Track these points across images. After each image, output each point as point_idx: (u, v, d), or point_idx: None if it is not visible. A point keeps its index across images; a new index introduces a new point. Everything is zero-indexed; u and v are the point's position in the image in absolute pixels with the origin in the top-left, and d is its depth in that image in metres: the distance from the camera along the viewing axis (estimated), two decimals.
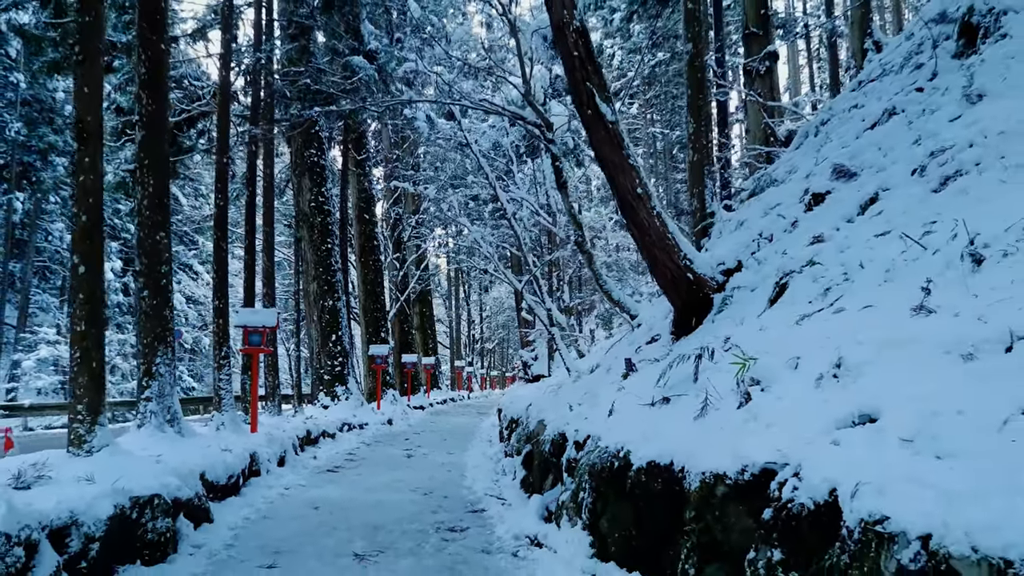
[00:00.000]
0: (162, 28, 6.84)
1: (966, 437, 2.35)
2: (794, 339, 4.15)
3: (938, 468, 2.28)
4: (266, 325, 8.69)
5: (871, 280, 4.24)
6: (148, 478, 4.26)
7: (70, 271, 5.22)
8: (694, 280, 6.35)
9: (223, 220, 9.04)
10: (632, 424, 4.59)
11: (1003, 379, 2.55)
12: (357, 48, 12.77)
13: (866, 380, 3.14)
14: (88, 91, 5.13)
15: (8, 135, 28.49)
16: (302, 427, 9.92)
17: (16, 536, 2.89)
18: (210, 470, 5.56)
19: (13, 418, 13.47)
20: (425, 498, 6.46)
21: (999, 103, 5.15)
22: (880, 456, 2.52)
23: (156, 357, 6.39)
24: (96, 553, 3.52)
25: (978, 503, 1.98)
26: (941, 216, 4.34)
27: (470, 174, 20.16)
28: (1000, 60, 5.72)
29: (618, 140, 6.18)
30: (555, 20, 6.20)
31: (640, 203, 6.18)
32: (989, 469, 2.12)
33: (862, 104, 8.23)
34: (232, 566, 4.18)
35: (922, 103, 6.47)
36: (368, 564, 4.22)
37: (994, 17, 6.46)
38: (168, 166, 6.86)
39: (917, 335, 3.17)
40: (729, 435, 3.46)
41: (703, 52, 8.32)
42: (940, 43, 7.17)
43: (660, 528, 3.88)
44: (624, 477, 4.18)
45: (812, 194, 6.59)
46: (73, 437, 4.99)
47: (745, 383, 3.91)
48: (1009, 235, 3.49)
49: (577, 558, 4.29)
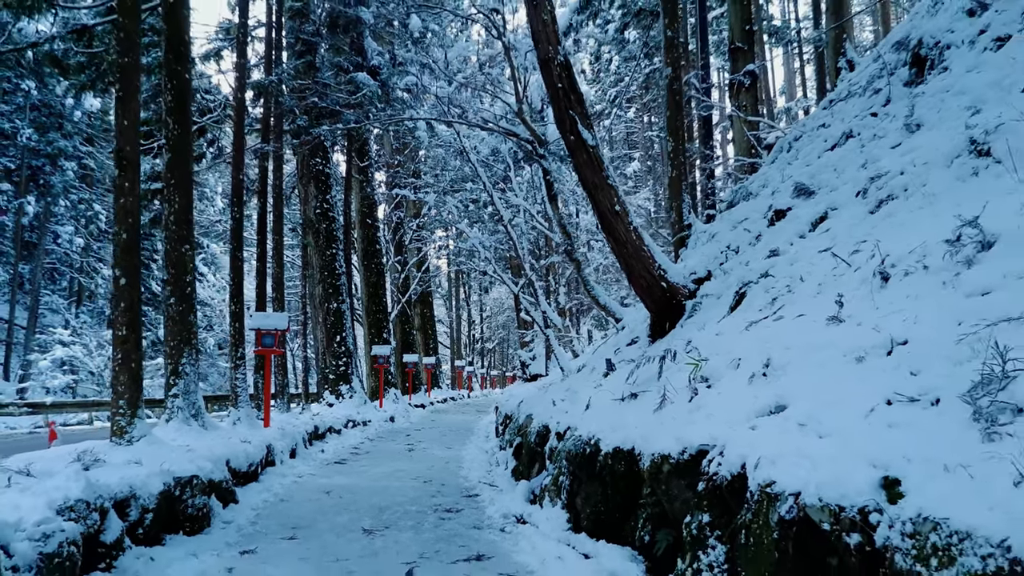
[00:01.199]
0: (187, 60, 7.54)
1: (842, 421, 3.03)
2: (741, 343, 4.84)
3: (817, 444, 2.96)
4: (278, 328, 9.38)
5: (808, 292, 4.92)
6: (186, 463, 4.95)
7: (112, 283, 5.91)
8: (667, 288, 7.04)
9: (239, 232, 9.74)
10: (604, 416, 5.27)
11: (879, 376, 3.23)
12: (361, 64, 13.45)
13: (785, 378, 3.83)
14: (127, 124, 5.82)
15: (19, 140, 29.23)
16: (310, 423, 10.60)
17: (93, 503, 3.57)
18: (233, 459, 6.25)
19: (36, 415, 14.16)
20: (425, 485, 7.15)
21: (930, 134, 5.83)
22: (781, 437, 3.21)
23: (182, 358, 7.08)
24: (149, 522, 4.21)
25: (832, 467, 2.67)
26: (870, 236, 5.02)
27: (469, 180, 20.82)
28: (938, 92, 6.40)
29: (598, 162, 6.86)
30: (541, 55, 6.89)
31: (618, 219, 6.86)
32: (849, 443, 2.80)
33: (828, 124, 8.91)
34: (259, 537, 4.86)
35: (874, 128, 7.15)
36: (375, 537, 4.91)
37: (939, 50, 7.14)
38: (191, 185, 7.55)
39: (828, 341, 3.86)
40: (677, 424, 4.15)
41: (681, 76, 8.99)
42: (896, 70, 7.85)
43: (623, 503, 4.57)
44: (595, 461, 4.87)
45: (775, 210, 7.27)
46: (115, 428, 5.69)
47: (696, 381, 4.60)
48: (911, 257, 4.17)
49: (555, 531, 4.97)
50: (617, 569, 3.95)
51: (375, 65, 13.38)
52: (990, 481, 2.09)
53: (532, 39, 7.04)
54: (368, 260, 20.15)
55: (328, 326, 15.63)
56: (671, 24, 8.82)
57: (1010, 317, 2.97)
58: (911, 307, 3.69)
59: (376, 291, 20.16)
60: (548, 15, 6.85)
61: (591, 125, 6.91)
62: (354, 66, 13.30)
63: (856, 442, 2.78)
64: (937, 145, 5.51)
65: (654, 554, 4.00)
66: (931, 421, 2.64)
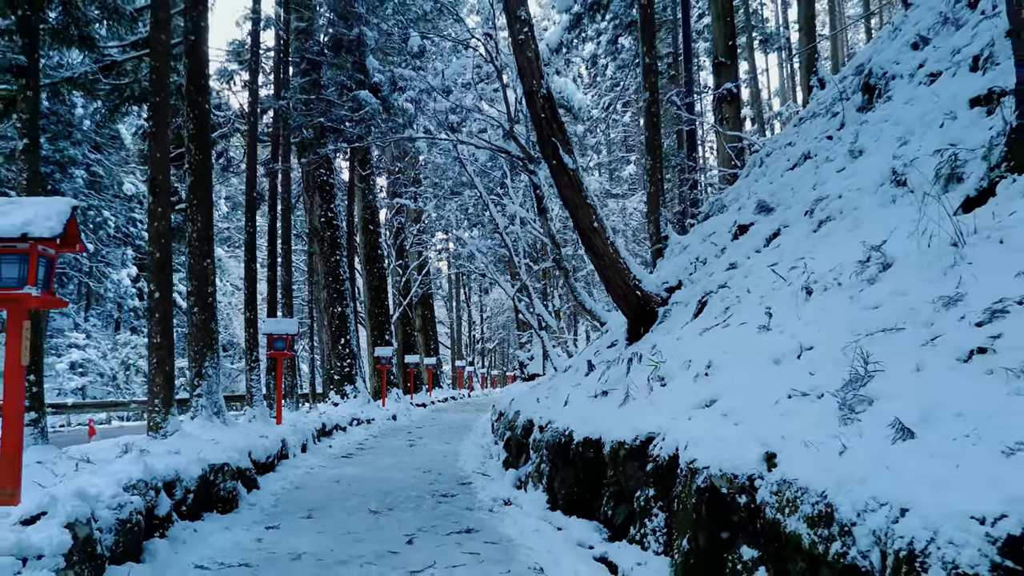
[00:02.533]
0: (207, 92, 8.32)
1: (753, 411, 3.81)
2: (695, 347, 5.62)
3: (731, 429, 3.74)
4: (288, 333, 10.17)
5: (752, 303, 5.70)
6: (217, 452, 5.74)
7: (148, 296, 6.70)
8: (642, 296, 7.81)
9: (252, 245, 10.53)
10: (579, 411, 6.05)
11: (788, 376, 4.00)
12: (363, 81, 14.24)
13: (720, 377, 4.61)
14: (159, 155, 6.61)
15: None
16: (318, 421, 11.39)
17: (150, 483, 4.36)
18: (254, 451, 7.03)
19: (58, 415, 14.94)
20: (424, 475, 7.93)
21: (867, 161, 6.60)
22: (707, 425, 3.98)
23: (205, 361, 7.87)
24: (191, 501, 4.99)
25: (735, 447, 3.44)
26: (808, 253, 5.79)
27: (467, 187, 21.58)
28: (879, 122, 7.16)
29: (578, 184, 7.64)
30: (526, 88, 7.66)
31: (596, 234, 7.64)
32: (751, 428, 3.57)
33: (794, 142, 9.67)
34: (281, 516, 5.65)
35: (828, 151, 7.91)
36: (380, 516, 5.69)
37: (886, 80, 7.91)
38: (212, 205, 8.33)
39: (757, 347, 4.64)
40: (634, 416, 4.93)
41: (658, 99, 9.77)
42: (850, 96, 8.61)
43: (591, 484, 5.34)
44: (569, 449, 5.65)
45: (738, 225, 8.05)
46: (151, 424, 6.48)
47: (654, 380, 5.39)
48: (831, 274, 4.94)
49: (536, 510, 5.75)
50: (583, 538, 4.73)
51: (376, 82, 14.17)
52: (829, 453, 2.86)
53: (518, 73, 7.81)
54: (370, 265, 20.94)
55: (333, 329, 16.43)
56: (648, 52, 9.58)
57: (885, 328, 3.75)
58: (821, 318, 4.47)
59: (378, 294, 20.96)
60: (532, 52, 7.62)
61: (571, 150, 7.69)
62: (356, 84, 14.10)
63: (757, 427, 3.56)
64: (870, 172, 6.28)
65: (614, 524, 4.78)
66: (811, 410, 3.41)
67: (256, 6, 10.55)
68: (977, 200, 4.50)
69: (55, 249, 3.46)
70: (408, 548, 4.62)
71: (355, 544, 4.70)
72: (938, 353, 3.20)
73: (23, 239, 3.31)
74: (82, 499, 3.50)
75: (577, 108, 25.16)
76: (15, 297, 3.37)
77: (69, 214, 3.45)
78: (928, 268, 4.03)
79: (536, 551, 4.53)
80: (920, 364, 3.20)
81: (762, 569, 3.04)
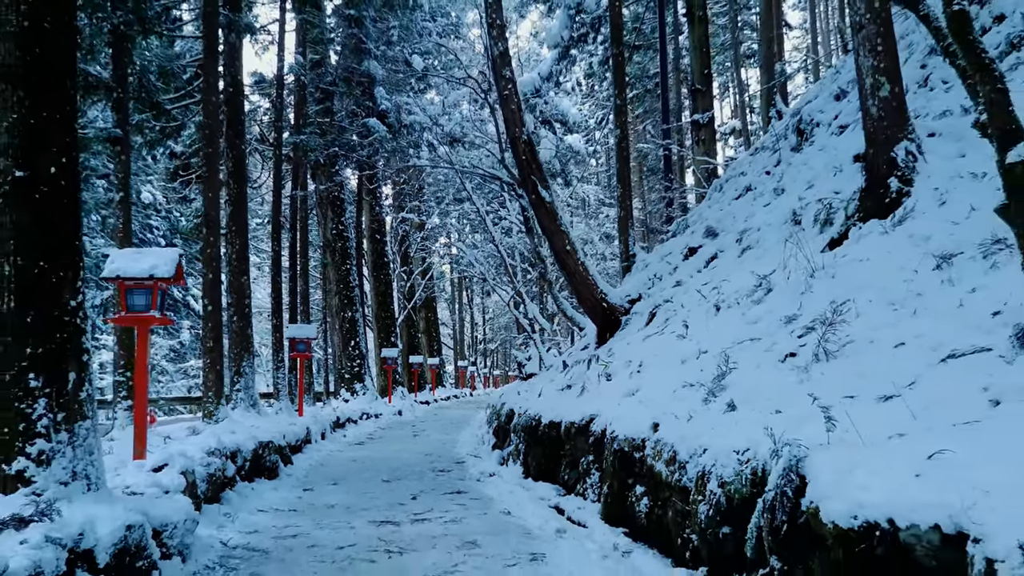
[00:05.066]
0: (243, 134, 9.88)
1: (659, 398, 5.33)
2: (638, 350, 7.15)
3: (641, 410, 5.26)
4: (308, 337, 11.73)
5: (682, 316, 7.22)
6: (262, 433, 7.29)
7: (202, 310, 8.25)
8: (608, 308, 9.35)
9: (278, 262, 12.11)
10: (548, 401, 7.59)
11: (688, 372, 5.52)
12: (372, 108, 15.82)
13: (645, 374, 6.14)
14: (211, 196, 8.17)
15: None
16: (333, 414, 12.95)
17: (222, 451, 5.91)
18: (287, 435, 8.57)
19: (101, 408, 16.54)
20: (426, 456, 9.48)
21: (784, 199, 8.11)
22: (628, 408, 5.51)
23: (243, 362, 9.43)
24: (247, 468, 6.54)
25: (639, 422, 4.97)
26: (728, 276, 7.31)
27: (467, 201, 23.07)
28: (800, 164, 8.68)
29: (553, 214, 9.17)
30: (510, 135, 9.21)
31: (569, 256, 9.18)
32: (653, 409, 5.09)
33: (745, 172, 11.19)
34: (313, 483, 7.20)
35: (763, 185, 9.43)
36: (391, 483, 7.23)
37: (812, 127, 9.42)
38: (247, 230, 9.89)
39: (674, 351, 6.17)
40: (585, 403, 6.46)
41: (627, 135, 11.29)
42: (787, 136, 10.13)
43: (554, 456, 6.88)
44: (538, 431, 7.18)
45: (689, 247, 9.57)
46: (205, 412, 8.05)
47: (602, 376, 6.92)
48: (735, 295, 6.46)
49: (513, 479, 7.28)
50: (544, 495, 6.26)
51: (383, 110, 15.74)
52: (685, 421, 4.38)
53: (504, 122, 9.35)
54: (377, 272, 22.53)
55: (344, 332, 18.01)
56: (619, 95, 11.11)
57: (752, 337, 5.29)
58: (720, 329, 6.00)
59: (384, 299, 22.54)
60: (515, 105, 9.16)
61: (548, 186, 9.23)
62: (366, 111, 15.67)
63: (656, 408, 5.09)
64: (782, 209, 7.80)
65: (568, 485, 6.31)
66: (691, 395, 4.93)
67: (280, 66, 12.16)
68: (838, 241, 6.03)
69: (168, 284, 5.02)
70: (412, 502, 6.16)
71: (373, 500, 6.25)
72: (771, 356, 4.74)
73: (150, 279, 4.86)
74: (185, 458, 5.06)
75: (572, 122, 26.70)
76: (144, 319, 4.93)
77: (177, 261, 5.00)
78: (791, 294, 5.56)
79: (508, 503, 6.07)
80: (759, 364, 4.74)
81: (646, 499, 4.57)
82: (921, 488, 2.43)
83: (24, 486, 3.41)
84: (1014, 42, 6.39)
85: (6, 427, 3.43)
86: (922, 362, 3.65)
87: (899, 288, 4.48)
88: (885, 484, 2.52)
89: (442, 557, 4.12)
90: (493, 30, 8.95)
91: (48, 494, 3.39)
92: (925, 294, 4.28)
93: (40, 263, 3.56)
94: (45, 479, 3.45)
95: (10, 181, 3.54)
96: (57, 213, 3.65)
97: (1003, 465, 2.33)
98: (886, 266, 4.84)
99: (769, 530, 3.05)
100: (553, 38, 15.43)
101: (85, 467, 3.64)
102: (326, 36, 15.64)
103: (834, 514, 2.59)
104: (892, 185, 5.72)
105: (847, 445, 2.97)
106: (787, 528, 2.96)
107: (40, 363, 3.50)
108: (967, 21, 3.24)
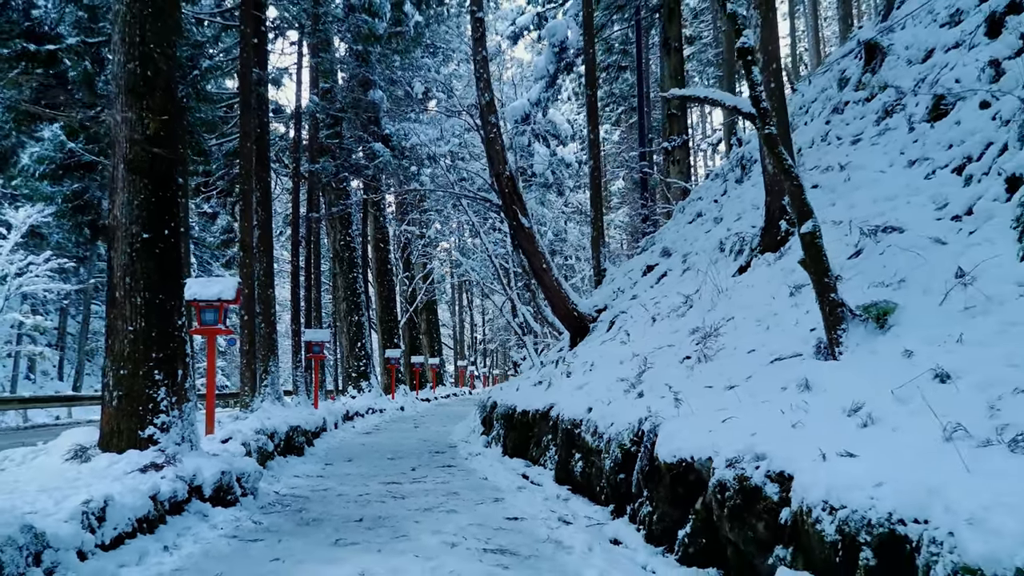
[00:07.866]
0: (269, 167, 11.60)
1: (599, 389, 7.03)
2: (594, 353, 8.84)
3: (584, 398, 6.97)
4: (323, 340, 13.46)
5: (630, 325, 8.92)
6: (293, 419, 9.02)
7: (240, 319, 9.98)
8: (578, 317, 11.05)
9: (296, 275, 13.84)
10: (523, 394, 9.29)
11: (622, 370, 7.22)
12: (377, 132, 17.55)
13: (594, 372, 7.85)
14: (247, 225, 9.89)
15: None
16: (343, 408, 14.68)
17: (265, 431, 7.63)
18: (309, 423, 10.30)
19: None
20: (424, 442, 11.19)
21: (720, 227, 9.79)
22: (577, 398, 7.21)
23: (269, 362, 11.15)
24: (282, 447, 8.26)
25: (580, 407, 6.67)
26: (670, 291, 8.99)
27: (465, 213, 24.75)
28: (735, 198, 10.36)
29: (532, 237, 10.86)
30: (494, 171, 10.90)
31: (545, 273, 10.87)
32: (592, 397, 6.80)
33: (702, 197, 12.88)
34: (332, 460, 8.92)
35: (710, 212, 11.11)
36: (395, 460, 8.94)
37: (751, 163, 11.11)
38: (273, 250, 11.61)
39: (617, 353, 7.87)
40: (549, 396, 8.15)
41: (601, 167, 12.98)
42: (734, 168, 11.81)
43: (525, 438, 8.58)
44: (513, 418, 8.88)
45: (648, 265, 11.27)
46: (242, 403, 9.78)
47: (564, 375, 8.62)
48: (668, 308, 8.14)
49: (494, 457, 8.98)
50: (515, 467, 7.96)
51: (387, 134, 17.46)
52: (608, 405, 6.07)
53: (488, 160, 11.05)
54: (381, 278, 24.27)
55: (351, 335, 19.75)
56: (593, 130, 12.81)
57: (670, 344, 6.99)
58: (652, 336, 7.69)
59: (388, 304, 24.27)
60: (499, 145, 10.85)
61: (527, 214, 10.93)
62: (371, 136, 17.41)
63: (593, 397, 6.78)
64: (716, 237, 9.48)
65: (535, 459, 8.01)
66: (619, 387, 6.62)
67: (298, 105, 13.92)
68: (745, 268, 7.73)
69: (230, 304, 6.74)
70: (412, 472, 7.88)
71: (381, 470, 7.97)
72: (675, 358, 6.44)
73: (217, 301, 6.58)
74: (242, 434, 6.79)
75: (564, 136, 28.40)
76: (213, 330, 6.65)
77: (237, 287, 6.72)
78: (700, 310, 7.26)
79: (486, 472, 7.78)
80: (668, 364, 6.44)
81: (581, 463, 6.27)
82: (709, 439, 4.13)
83: (152, 446, 5.13)
84: (888, 109, 8.08)
85: (140, 406, 5.15)
86: (760, 363, 5.34)
87: (765, 309, 6.16)
88: (693, 437, 4.22)
89: (432, 500, 5.83)
90: (480, 83, 10.66)
91: (169, 451, 5.11)
92: (779, 314, 5.97)
93: (159, 296, 5.27)
94: (165, 441, 5.17)
95: (140, 240, 5.26)
96: (169, 262, 5.37)
97: (763, 423, 4.02)
98: (763, 291, 6.52)
99: (639, 471, 4.76)
100: (540, 71, 17.15)
101: (189, 434, 5.36)
102: (335, 68, 17.37)
103: (664, 456, 4.30)
104: (782, 227, 7.41)
105: (685, 416, 4.67)
106: (648, 469, 4.67)
107: (161, 363, 5.22)
108: (774, 141, 4.94)
